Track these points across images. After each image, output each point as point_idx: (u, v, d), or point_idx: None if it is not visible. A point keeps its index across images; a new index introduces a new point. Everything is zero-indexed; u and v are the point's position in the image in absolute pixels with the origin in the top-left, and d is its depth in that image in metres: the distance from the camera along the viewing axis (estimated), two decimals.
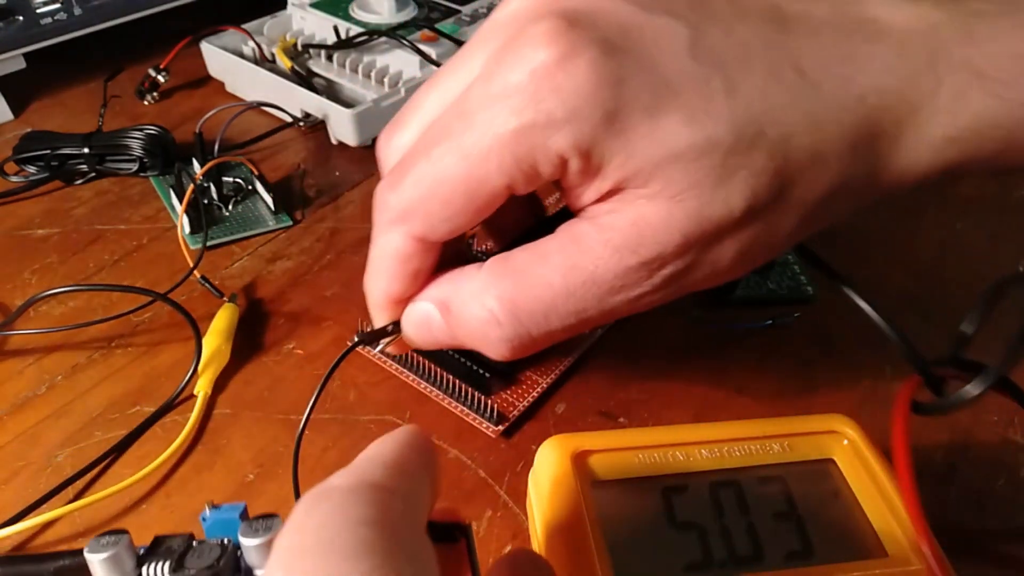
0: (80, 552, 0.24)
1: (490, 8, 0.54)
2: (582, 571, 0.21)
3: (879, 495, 0.24)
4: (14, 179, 0.44)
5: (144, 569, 0.23)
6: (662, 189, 0.19)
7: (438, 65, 0.49)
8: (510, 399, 0.32)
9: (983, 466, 0.30)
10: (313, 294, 0.37)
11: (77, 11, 0.50)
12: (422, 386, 0.32)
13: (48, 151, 0.44)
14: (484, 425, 0.31)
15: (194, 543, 0.23)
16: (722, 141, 0.19)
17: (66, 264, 0.39)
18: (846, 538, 0.23)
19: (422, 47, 0.49)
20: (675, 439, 0.24)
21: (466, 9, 0.54)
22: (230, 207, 0.42)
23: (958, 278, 0.38)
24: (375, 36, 0.50)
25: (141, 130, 0.44)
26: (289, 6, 0.55)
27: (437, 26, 0.51)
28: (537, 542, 0.23)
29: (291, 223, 0.42)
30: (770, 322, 0.35)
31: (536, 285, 0.20)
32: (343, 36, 0.51)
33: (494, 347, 0.21)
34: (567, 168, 0.19)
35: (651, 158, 0.19)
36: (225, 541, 0.23)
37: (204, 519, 0.24)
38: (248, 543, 0.23)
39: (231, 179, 0.43)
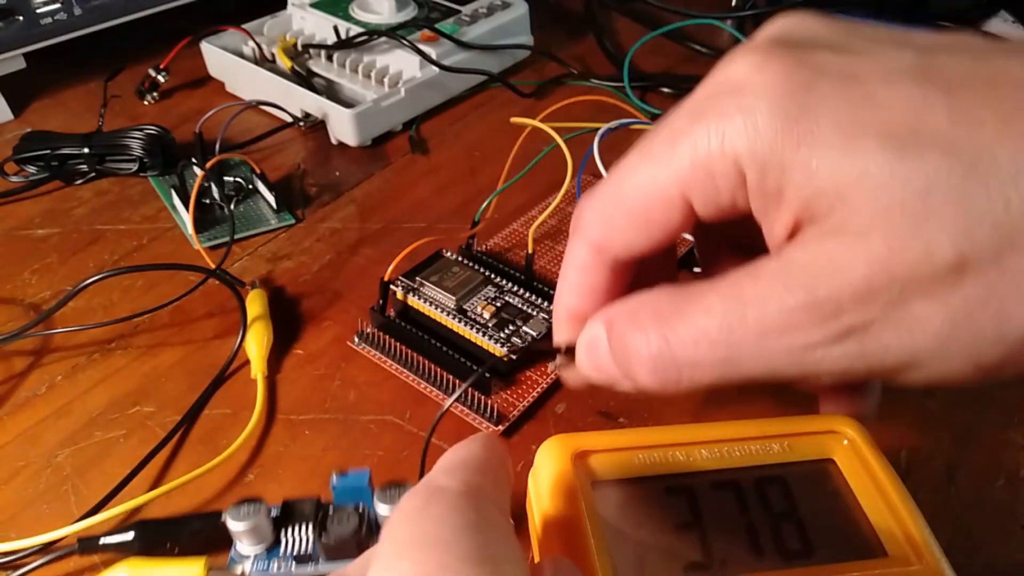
0: (217, 515, 0.25)
1: (490, 8, 0.54)
2: (582, 571, 0.21)
3: (879, 495, 0.24)
4: (14, 179, 0.44)
5: (284, 532, 0.24)
6: (846, 220, 0.16)
7: (439, 65, 0.49)
8: (510, 399, 0.32)
9: (983, 465, 0.30)
10: (313, 294, 0.37)
11: (77, 11, 0.50)
12: (422, 386, 0.32)
13: (48, 151, 0.44)
14: (484, 425, 0.31)
15: (330, 509, 0.24)
16: (924, 167, 0.15)
17: (66, 264, 0.39)
18: (846, 538, 0.23)
19: (422, 47, 0.49)
20: (675, 439, 0.24)
21: (466, 9, 0.54)
22: (231, 206, 0.42)
23: None
24: (375, 36, 0.50)
25: (141, 130, 0.44)
26: (289, 6, 0.55)
27: (437, 26, 0.51)
28: (537, 542, 0.23)
29: (293, 221, 0.42)
30: None
31: (697, 315, 0.18)
32: (343, 36, 0.51)
33: (641, 376, 0.20)
34: (747, 184, 0.17)
35: (835, 179, 0.16)
36: (360, 507, 0.24)
37: (334, 486, 0.25)
38: (383, 510, 0.24)
39: (232, 179, 0.43)
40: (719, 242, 0.25)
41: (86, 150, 0.44)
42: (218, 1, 0.57)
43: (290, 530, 0.25)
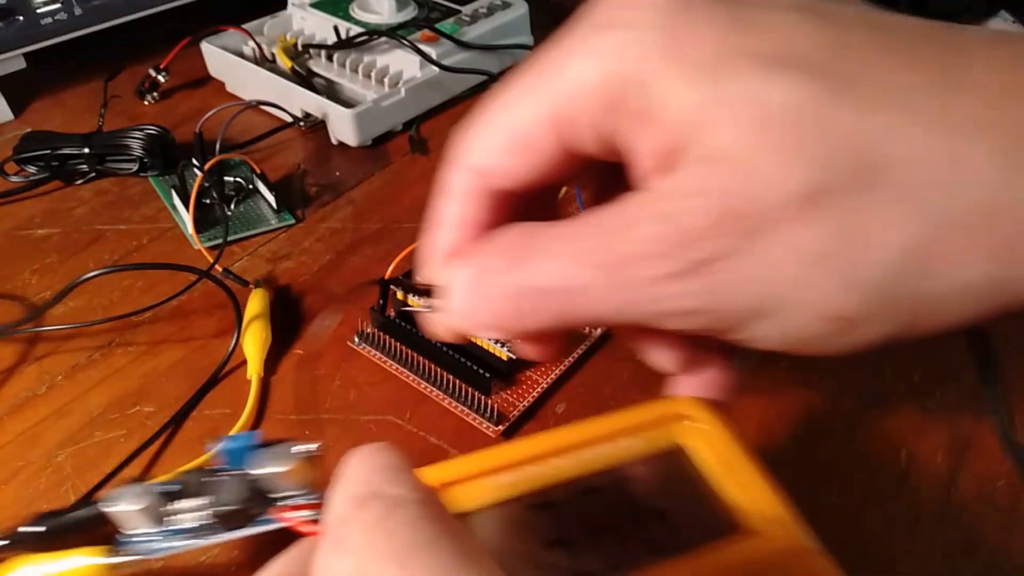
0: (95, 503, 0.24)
1: (490, 8, 0.54)
2: None
3: (730, 472, 0.24)
4: (14, 179, 0.44)
5: (168, 507, 0.24)
6: (710, 146, 0.15)
7: (439, 65, 0.49)
8: (510, 399, 0.32)
9: (982, 466, 0.30)
10: (313, 294, 0.37)
11: (77, 11, 0.50)
12: (422, 386, 0.32)
13: (48, 151, 0.44)
14: (484, 425, 0.31)
15: (214, 477, 0.24)
16: (793, 95, 0.14)
17: (66, 264, 0.39)
18: (707, 520, 0.23)
19: (422, 47, 0.49)
20: (530, 453, 0.24)
21: (466, 9, 0.54)
22: (232, 206, 0.42)
23: None
24: (375, 36, 0.50)
25: (141, 130, 0.44)
26: (289, 6, 0.55)
27: (437, 26, 0.51)
28: None
29: (294, 221, 0.42)
30: None
31: (545, 251, 0.17)
32: (343, 36, 0.51)
33: (500, 322, 0.18)
34: (615, 109, 0.16)
35: (702, 103, 0.15)
36: (247, 471, 0.24)
37: (218, 451, 0.24)
38: (263, 472, 0.23)
39: (232, 179, 0.43)
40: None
41: (86, 150, 0.44)
42: (218, 1, 0.57)
43: (176, 503, 0.24)
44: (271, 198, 0.42)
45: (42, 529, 0.25)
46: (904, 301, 0.15)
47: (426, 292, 0.21)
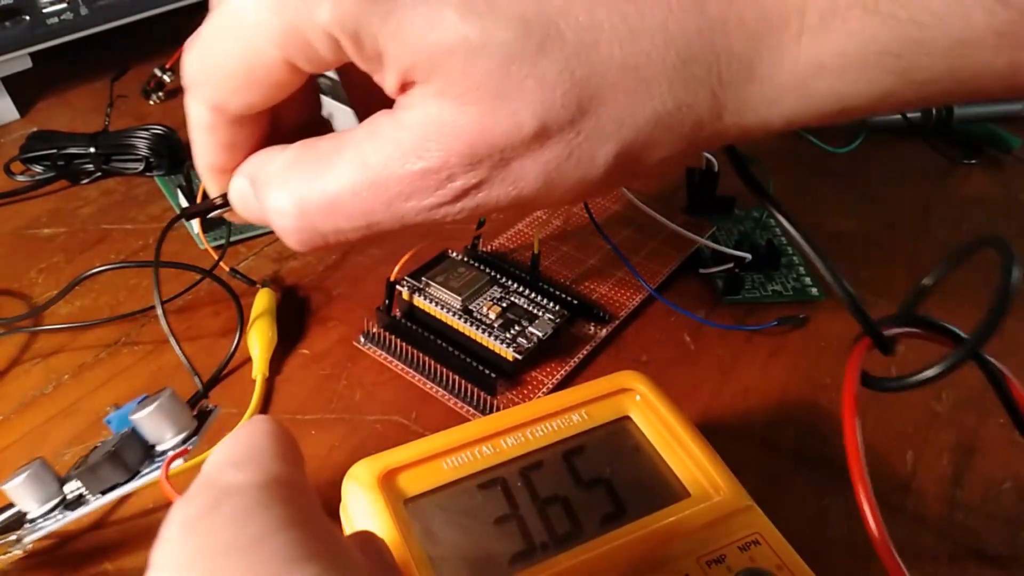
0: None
1: None
2: None
3: (673, 441, 0.25)
4: (20, 178, 0.44)
5: (66, 487, 0.24)
6: (445, 88, 0.16)
7: None
8: (515, 399, 0.32)
9: (989, 468, 0.30)
10: (318, 294, 0.37)
11: (83, 11, 0.50)
12: (428, 386, 0.32)
13: (54, 151, 0.44)
14: None
15: (106, 446, 0.24)
16: (502, 40, 0.16)
17: (72, 263, 0.39)
18: (653, 488, 0.24)
19: None
20: (477, 434, 0.25)
21: None
22: None
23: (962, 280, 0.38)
24: None
25: (147, 130, 0.44)
26: None
27: None
28: None
29: None
30: (776, 323, 0.35)
31: (327, 178, 0.18)
32: None
33: (286, 237, 0.19)
34: (344, 51, 0.17)
35: (425, 50, 0.16)
36: (124, 431, 0.24)
37: (108, 421, 0.25)
38: (137, 417, 0.23)
39: None
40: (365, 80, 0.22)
41: (92, 150, 0.44)
42: None
43: (72, 480, 0.24)
44: None
45: None
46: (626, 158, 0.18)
47: (214, 206, 0.22)
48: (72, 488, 0.24)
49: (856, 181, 0.46)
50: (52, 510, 0.24)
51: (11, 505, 0.25)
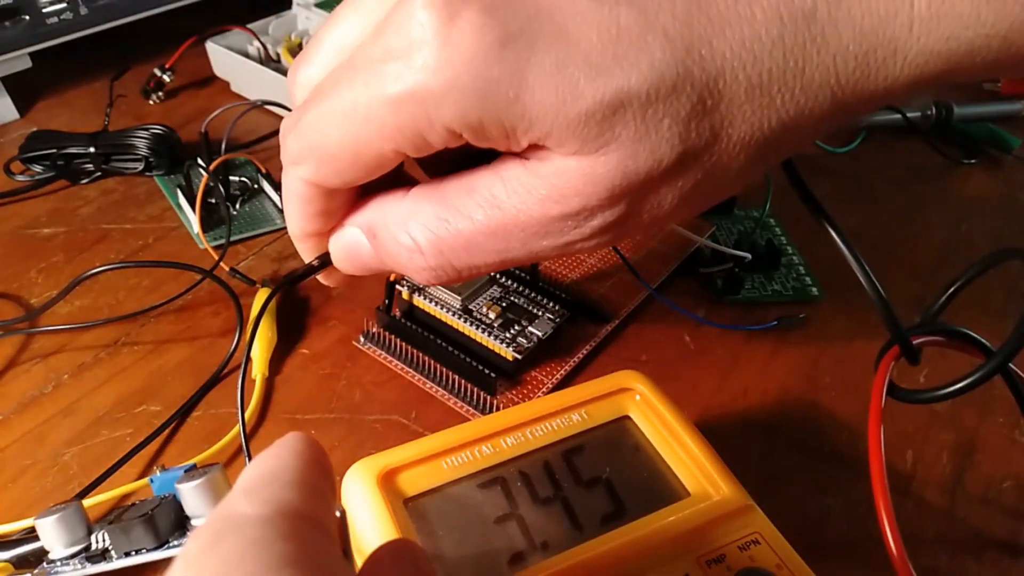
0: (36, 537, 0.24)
1: None
2: None
3: (673, 440, 0.25)
4: (20, 178, 0.44)
5: (94, 536, 0.24)
6: (580, 148, 0.17)
7: None
8: (515, 399, 0.32)
9: (989, 467, 0.30)
10: (318, 294, 0.37)
11: (83, 11, 0.50)
12: (428, 386, 0.32)
13: (54, 150, 0.44)
14: None
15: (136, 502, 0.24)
16: (637, 92, 0.16)
17: (72, 263, 0.39)
18: (652, 488, 0.24)
19: None
20: (477, 434, 0.24)
21: None
22: (237, 206, 0.42)
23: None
24: None
25: (147, 129, 0.44)
26: (294, 6, 0.55)
27: None
28: None
29: None
30: (776, 323, 0.35)
31: (460, 219, 0.19)
32: None
33: (418, 275, 0.20)
34: (463, 138, 0.18)
35: (556, 122, 0.17)
36: (165, 495, 0.24)
37: (152, 480, 0.24)
38: (183, 487, 0.23)
39: (237, 178, 0.43)
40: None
41: (92, 149, 0.44)
42: (223, 1, 0.57)
43: (101, 531, 0.24)
44: (276, 198, 0.42)
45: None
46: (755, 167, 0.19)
47: (313, 269, 0.23)
48: (99, 539, 0.24)
49: (856, 181, 0.46)
50: (74, 556, 0.24)
51: (36, 538, 0.25)
